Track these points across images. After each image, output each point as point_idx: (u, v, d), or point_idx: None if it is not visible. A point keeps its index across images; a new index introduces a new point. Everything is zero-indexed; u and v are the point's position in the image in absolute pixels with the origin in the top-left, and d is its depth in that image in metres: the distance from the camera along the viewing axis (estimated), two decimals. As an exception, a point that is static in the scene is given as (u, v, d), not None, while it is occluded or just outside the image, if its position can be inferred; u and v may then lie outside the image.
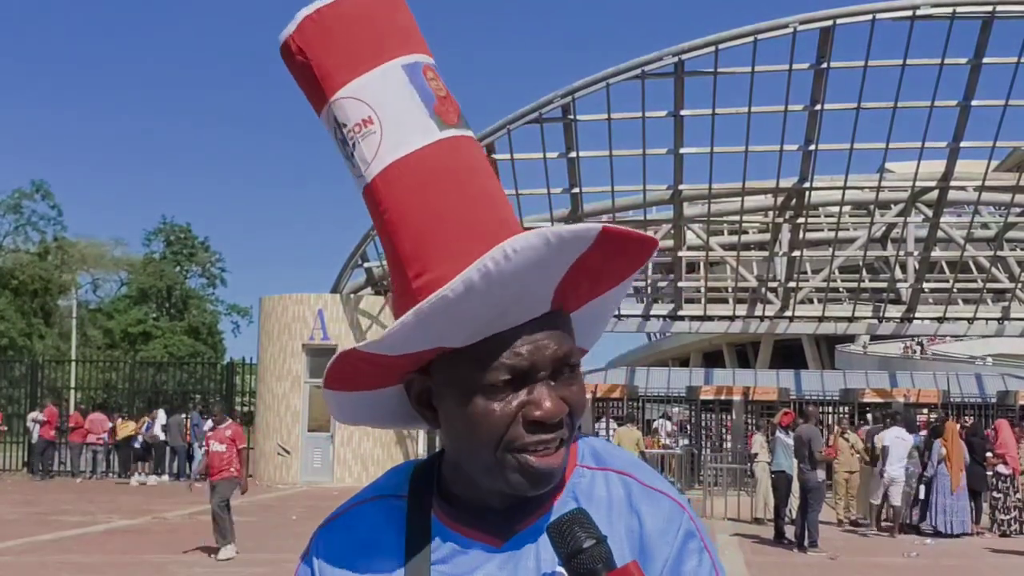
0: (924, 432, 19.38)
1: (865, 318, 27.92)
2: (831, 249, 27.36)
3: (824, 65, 22.30)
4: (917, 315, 27.64)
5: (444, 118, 1.37)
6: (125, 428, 26.16)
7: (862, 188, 27.77)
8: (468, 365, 1.29)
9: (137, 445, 25.46)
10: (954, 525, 16.90)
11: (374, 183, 1.37)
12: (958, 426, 18.46)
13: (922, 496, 17.45)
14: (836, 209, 27.32)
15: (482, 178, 1.38)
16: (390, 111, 1.36)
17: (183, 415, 28.33)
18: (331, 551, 1.41)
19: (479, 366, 1.28)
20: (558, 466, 1.31)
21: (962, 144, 23.66)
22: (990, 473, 17.70)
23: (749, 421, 27.22)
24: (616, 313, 1.68)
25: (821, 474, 15.54)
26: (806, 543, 15.06)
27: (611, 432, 24.16)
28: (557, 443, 1.30)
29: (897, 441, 17.31)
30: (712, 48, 22.14)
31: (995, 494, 17.48)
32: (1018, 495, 17.52)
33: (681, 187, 25.08)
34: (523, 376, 1.28)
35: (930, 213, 25.99)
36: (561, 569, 1.25)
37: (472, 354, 1.29)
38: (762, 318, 27.68)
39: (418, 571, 1.35)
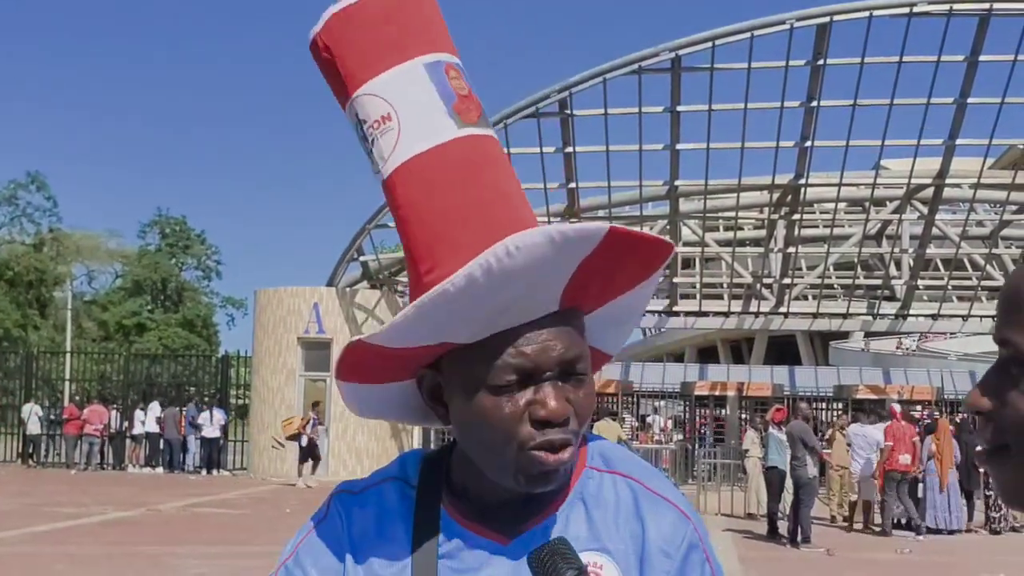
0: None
1: (860, 315, 27.95)
2: (826, 246, 27.39)
3: (821, 62, 22.29)
4: (912, 312, 27.68)
5: (463, 116, 1.38)
6: (290, 426, 25.34)
7: (857, 185, 27.79)
8: (475, 362, 1.29)
9: (303, 444, 24.56)
10: (944, 521, 16.95)
11: (390, 179, 1.38)
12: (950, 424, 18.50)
13: (920, 494, 17.50)
14: (831, 206, 27.32)
15: (498, 176, 1.38)
16: (408, 108, 1.38)
17: (178, 408, 28.37)
18: (349, 523, 1.40)
19: (485, 364, 1.28)
20: (568, 462, 1.30)
21: (958, 141, 23.68)
22: (983, 471, 17.74)
23: (743, 417, 27.25)
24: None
25: (813, 470, 15.57)
26: (799, 539, 15.11)
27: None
28: (565, 441, 1.29)
29: (856, 437, 17.35)
30: (709, 44, 22.12)
31: (987, 491, 17.54)
32: None
33: (677, 183, 25.08)
34: (529, 376, 1.28)
35: (925, 210, 26.02)
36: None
37: (479, 351, 1.28)
38: (757, 314, 27.71)
39: (425, 564, 1.35)
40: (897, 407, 18.22)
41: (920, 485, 17.46)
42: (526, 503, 1.35)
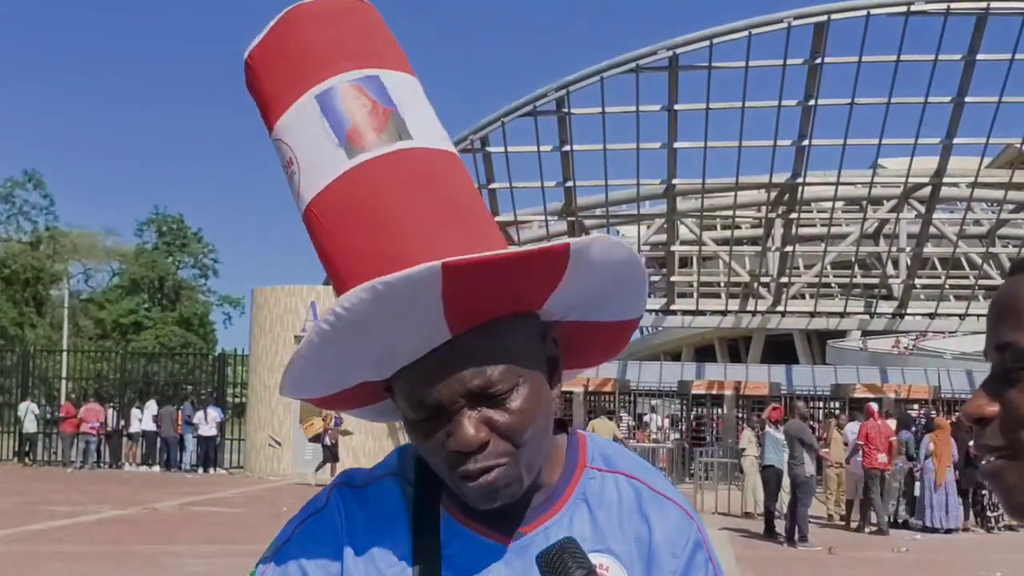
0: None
1: (857, 314, 27.97)
2: (823, 245, 27.41)
3: (818, 60, 22.31)
4: (909, 311, 27.69)
5: (356, 143, 1.32)
6: (312, 428, 24.99)
7: (855, 184, 27.80)
8: (396, 395, 1.30)
9: (328, 443, 24.13)
10: (941, 520, 16.97)
11: (303, 221, 1.37)
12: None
13: (916, 492, 17.52)
14: (829, 205, 27.35)
15: (393, 203, 1.30)
16: (304, 149, 1.35)
17: (174, 406, 28.33)
18: (352, 512, 1.37)
19: (401, 399, 1.28)
20: (503, 481, 1.25)
21: (955, 140, 23.71)
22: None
23: (740, 416, 27.26)
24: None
25: (811, 468, 15.57)
26: (796, 537, 15.10)
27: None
28: (484, 469, 1.24)
29: (853, 435, 17.39)
30: (706, 42, 22.14)
31: (982, 491, 17.56)
32: None
33: (674, 181, 25.08)
34: (440, 409, 1.24)
35: (922, 209, 26.04)
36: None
37: (396, 384, 1.28)
38: (754, 313, 27.72)
39: (427, 564, 1.32)
40: (875, 406, 18.55)
41: (917, 484, 17.48)
42: (526, 503, 1.32)
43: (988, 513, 17.48)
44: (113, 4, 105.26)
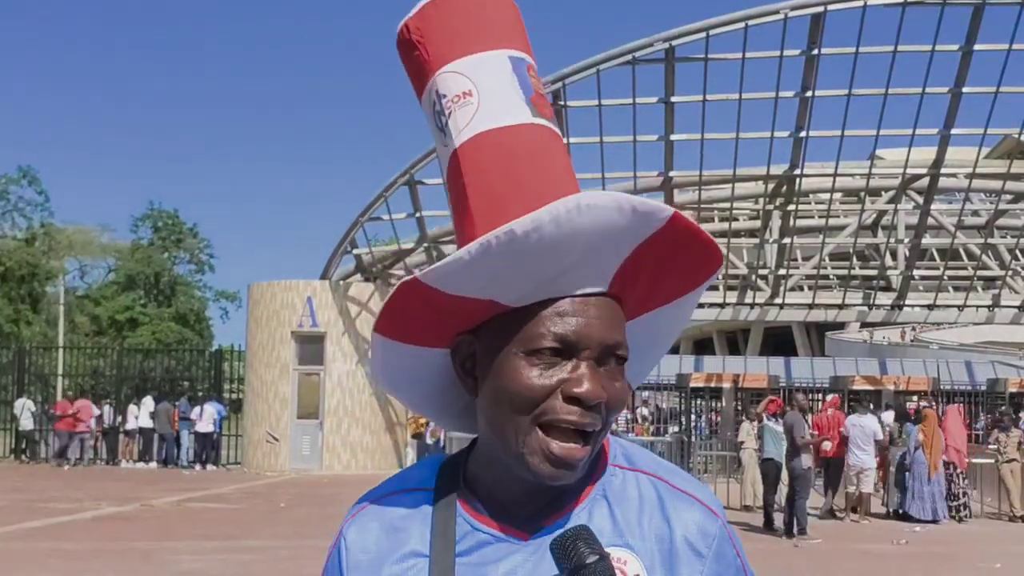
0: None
1: (855, 305, 27.93)
2: (821, 236, 27.34)
3: (815, 51, 22.22)
4: (907, 302, 27.65)
5: (539, 108, 1.44)
6: (414, 425, 24.65)
7: (853, 175, 27.75)
8: (517, 326, 1.29)
9: (429, 441, 23.88)
10: (930, 511, 16.97)
11: (462, 148, 1.42)
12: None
13: (907, 484, 17.51)
14: (827, 196, 27.29)
15: (561, 164, 1.43)
16: (490, 89, 1.44)
17: (171, 402, 28.26)
18: (359, 540, 1.41)
19: (527, 328, 1.28)
20: (581, 458, 1.28)
21: (953, 131, 23.61)
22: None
23: (739, 408, 27.24)
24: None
25: (808, 461, 15.53)
26: (795, 530, 15.07)
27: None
28: (586, 433, 1.27)
29: (853, 428, 17.32)
30: (703, 34, 22.05)
31: (953, 482, 17.63)
32: (965, 481, 17.69)
33: (672, 174, 25.01)
34: (568, 349, 1.27)
35: (921, 200, 25.98)
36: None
37: (522, 315, 1.29)
38: (752, 305, 27.67)
39: (443, 562, 1.34)
40: (829, 397, 19.63)
41: (907, 474, 17.48)
42: (547, 500, 1.34)
43: (949, 503, 17.55)
44: (107, 1, 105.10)
